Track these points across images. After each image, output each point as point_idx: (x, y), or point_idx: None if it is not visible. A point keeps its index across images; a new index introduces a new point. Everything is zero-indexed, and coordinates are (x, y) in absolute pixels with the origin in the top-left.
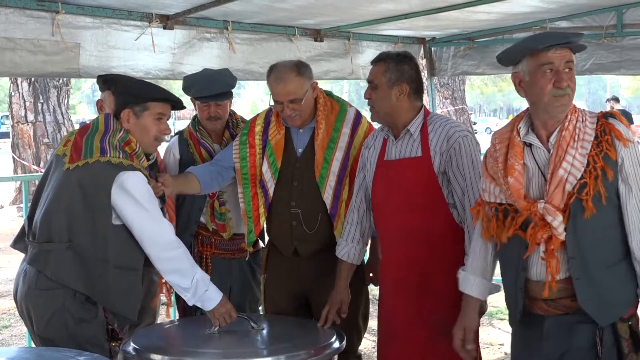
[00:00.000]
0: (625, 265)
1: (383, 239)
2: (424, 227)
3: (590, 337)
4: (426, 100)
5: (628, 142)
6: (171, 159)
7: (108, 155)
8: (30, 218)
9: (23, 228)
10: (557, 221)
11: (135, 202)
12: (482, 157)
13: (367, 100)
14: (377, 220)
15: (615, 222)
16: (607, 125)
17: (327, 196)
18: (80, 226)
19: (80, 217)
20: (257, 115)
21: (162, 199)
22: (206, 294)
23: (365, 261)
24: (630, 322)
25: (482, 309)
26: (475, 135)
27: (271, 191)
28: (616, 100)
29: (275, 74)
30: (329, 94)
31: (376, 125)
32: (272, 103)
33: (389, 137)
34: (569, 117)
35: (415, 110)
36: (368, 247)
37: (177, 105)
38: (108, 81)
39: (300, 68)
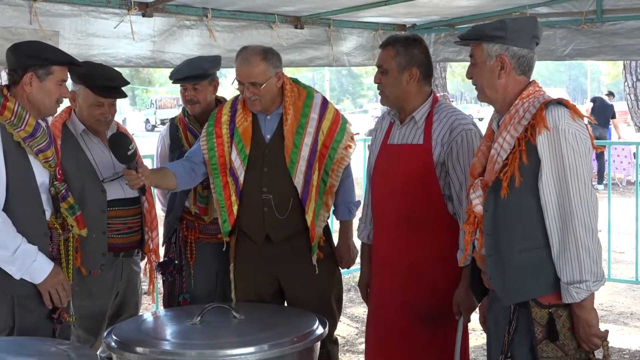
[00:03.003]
0: (545, 252)
1: (376, 221)
2: (416, 214)
3: (505, 316)
4: None
5: (545, 129)
6: (163, 145)
7: None
8: None
9: None
10: (474, 195)
11: None
12: None
13: (348, 89)
14: (373, 202)
15: (533, 207)
16: (540, 111)
17: (298, 181)
18: None
19: None
20: (223, 105)
21: (142, 190)
22: (34, 265)
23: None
24: (550, 310)
25: None
26: None
27: (241, 178)
28: (610, 95)
29: (242, 54)
30: (294, 80)
31: (341, 108)
32: (236, 85)
33: (395, 121)
34: (517, 101)
35: (424, 95)
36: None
37: (77, 66)
38: (83, 76)
39: (268, 54)
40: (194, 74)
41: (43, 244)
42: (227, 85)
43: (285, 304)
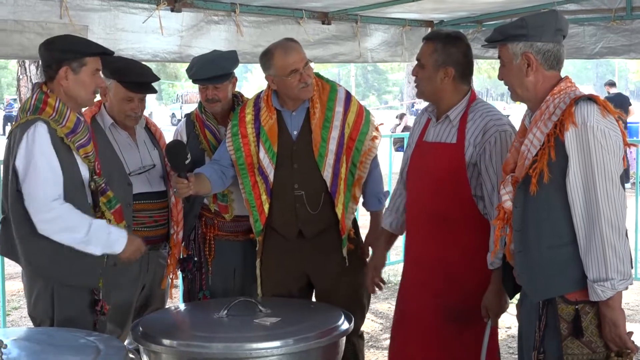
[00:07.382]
0: (573, 249)
1: (409, 218)
2: (446, 212)
3: (536, 311)
4: None
5: (573, 126)
6: None
7: (18, 120)
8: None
9: None
10: (504, 191)
11: (23, 155)
12: None
13: (373, 85)
14: (407, 198)
15: (561, 204)
16: (569, 108)
17: (327, 174)
18: (5, 196)
19: (5, 186)
20: (245, 104)
21: (187, 199)
22: (110, 237)
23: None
24: (576, 307)
25: None
26: None
27: (271, 176)
28: (612, 84)
29: (280, 49)
30: (317, 75)
31: (366, 104)
32: (282, 78)
33: (432, 118)
34: (548, 97)
35: (460, 94)
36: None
37: (108, 54)
38: (115, 71)
39: (296, 42)
40: (219, 74)
41: None
42: (252, 81)
43: (313, 299)
